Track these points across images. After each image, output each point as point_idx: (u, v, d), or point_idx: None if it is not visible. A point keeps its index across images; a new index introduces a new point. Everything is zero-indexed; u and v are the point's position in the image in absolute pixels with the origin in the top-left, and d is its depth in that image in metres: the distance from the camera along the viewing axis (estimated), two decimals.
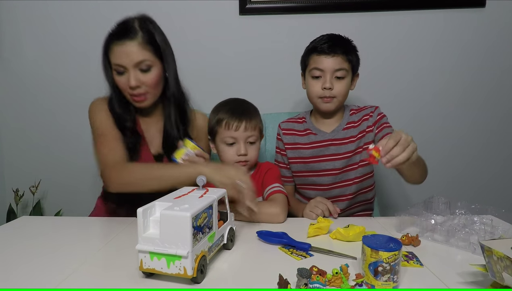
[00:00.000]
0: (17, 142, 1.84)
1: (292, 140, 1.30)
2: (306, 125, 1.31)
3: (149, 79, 1.07)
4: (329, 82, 1.17)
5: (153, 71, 1.07)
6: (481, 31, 1.70)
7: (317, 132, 1.28)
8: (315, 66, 1.19)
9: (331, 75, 1.17)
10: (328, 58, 1.17)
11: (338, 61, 1.17)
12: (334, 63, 1.17)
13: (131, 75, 1.05)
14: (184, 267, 0.64)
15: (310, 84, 1.22)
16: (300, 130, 1.31)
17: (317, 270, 0.65)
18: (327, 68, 1.17)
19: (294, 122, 1.34)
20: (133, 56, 1.04)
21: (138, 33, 1.05)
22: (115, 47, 1.05)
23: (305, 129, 1.30)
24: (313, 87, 1.21)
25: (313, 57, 1.20)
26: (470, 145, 1.78)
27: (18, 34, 1.76)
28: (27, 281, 0.68)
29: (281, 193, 1.09)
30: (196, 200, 0.71)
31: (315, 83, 1.20)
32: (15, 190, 1.77)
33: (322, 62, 1.18)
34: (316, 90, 1.20)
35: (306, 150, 1.27)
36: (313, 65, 1.19)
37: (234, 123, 1.11)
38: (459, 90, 1.75)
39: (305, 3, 1.68)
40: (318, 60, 1.18)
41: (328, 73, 1.17)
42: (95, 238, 0.92)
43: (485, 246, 0.62)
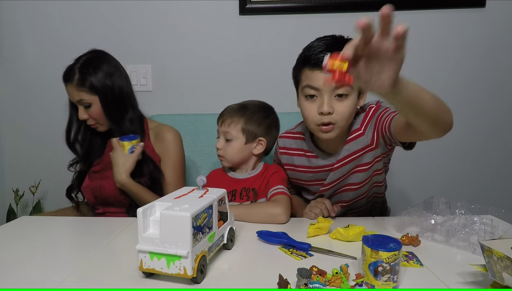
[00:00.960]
0: (17, 142, 1.84)
1: (289, 161, 1.17)
2: (304, 144, 1.14)
3: (91, 113, 1.22)
4: (327, 105, 0.92)
5: (93, 107, 1.21)
6: (481, 31, 1.70)
7: (318, 155, 1.10)
8: (308, 84, 0.94)
9: (329, 95, 0.92)
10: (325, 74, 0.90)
11: None
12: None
13: (80, 110, 1.23)
14: (184, 267, 0.64)
15: (303, 106, 0.97)
16: (297, 149, 1.15)
17: (317, 270, 0.65)
18: (324, 87, 0.92)
19: (291, 138, 1.18)
20: (73, 96, 1.21)
21: (75, 76, 1.19)
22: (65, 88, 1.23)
23: (302, 149, 1.14)
24: (307, 110, 0.96)
25: (305, 73, 0.94)
26: (470, 145, 1.78)
27: (18, 34, 1.76)
28: (27, 281, 0.68)
29: (284, 195, 1.09)
30: (196, 200, 0.71)
31: (310, 105, 0.95)
32: (15, 190, 1.77)
33: (317, 78, 0.92)
34: (312, 115, 0.95)
35: (305, 173, 1.15)
36: (306, 82, 0.94)
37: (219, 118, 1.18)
38: (459, 90, 1.75)
39: (305, 3, 1.68)
40: (311, 76, 0.93)
41: (325, 93, 0.92)
42: (95, 238, 0.92)
43: (485, 246, 0.62)
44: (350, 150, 1.06)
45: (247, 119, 1.14)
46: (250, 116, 1.15)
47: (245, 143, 1.14)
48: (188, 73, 1.77)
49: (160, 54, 1.76)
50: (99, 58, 1.23)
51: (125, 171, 1.16)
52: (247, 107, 1.17)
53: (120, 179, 1.16)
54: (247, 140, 1.14)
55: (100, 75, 1.19)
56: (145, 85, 1.77)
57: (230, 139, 1.14)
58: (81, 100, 1.20)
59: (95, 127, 1.26)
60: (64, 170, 1.87)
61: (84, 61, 1.20)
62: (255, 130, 1.15)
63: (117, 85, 1.22)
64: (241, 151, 1.15)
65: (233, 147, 1.14)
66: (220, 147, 1.15)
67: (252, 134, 1.14)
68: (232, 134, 1.13)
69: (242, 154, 1.15)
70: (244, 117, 1.14)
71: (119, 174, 1.16)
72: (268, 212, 1.01)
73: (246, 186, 1.16)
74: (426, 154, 1.79)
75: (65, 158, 1.84)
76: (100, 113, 1.21)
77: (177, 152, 1.30)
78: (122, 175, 1.16)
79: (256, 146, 1.16)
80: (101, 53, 1.25)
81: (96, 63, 1.20)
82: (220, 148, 1.15)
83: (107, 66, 1.22)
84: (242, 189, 1.16)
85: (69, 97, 1.24)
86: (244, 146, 1.14)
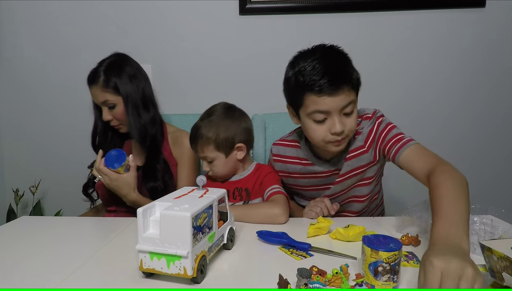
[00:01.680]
0: (17, 142, 1.84)
1: (284, 168, 1.17)
2: (299, 153, 1.13)
3: (115, 114, 1.25)
4: (339, 125, 0.93)
5: (118, 108, 1.24)
6: (481, 31, 1.70)
7: (315, 163, 1.10)
8: (317, 109, 0.92)
9: (339, 115, 0.93)
10: (333, 98, 0.90)
11: (345, 96, 0.91)
12: (341, 100, 0.91)
13: (104, 112, 1.25)
14: (184, 267, 0.64)
15: (311, 129, 0.97)
16: (292, 157, 1.15)
17: (317, 270, 0.65)
18: (333, 109, 0.92)
19: (286, 145, 1.17)
20: (98, 97, 1.23)
21: (100, 78, 1.22)
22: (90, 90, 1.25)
23: (298, 157, 1.13)
24: (317, 132, 0.96)
25: (310, 98, 0.92)
26: (470, 145, 1.79)
27: (18, 34, 1.76)
28: (27, 281, 0.68)
29: (282, 194, 1.09)
30: (196, 200, 0.71)
31: (319, 127, 0.95)
32: (15, 190, 1.77)
33: (325, 103, 0.91)
34: (323, 135, 0.96)
35: (301, 179, 1.15)
36: (313, 107, 0.93)
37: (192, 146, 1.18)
38: (459, 90, 1.75)
39: (305, 3, 1.68)
40: (319, 101, 0.91)
41: (335, 114, 0.93)
42: (95, 238, 0.92)
43: (485, 246, 0.62)
44: (353, 165, 1.07)
45: (216, 136, 1.10)
46: (216, 131, 1.10)
47: (226, 158, 1.13)
48: (188, 73, 1.77)
49: (160, 54, 1.76)
50: (122, 60, 1.27)
51: (133, 189, 1.16)
52: (211, 121, 1.12)
53: (132, 199, 1.16)
54: (226, 153, 1.12)
55: (124, 77, 1.23)
56: None
57: (211, 161, 1.14)
58: (106, 101, 1.22)
59: (118, 128, 1.28)
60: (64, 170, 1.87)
61: (108, 64, 1.24)
62: (229, 141, 1.12)
63: (140, 87, 1.26)
64: (226, 164, 1.14)
65: (217, 165, 1.14)
66: (207, 170, 1.16)
67: (228, 146, 1.12)
68: (210, 156, 1.12)
69: (229, 165, 1.15)
70: (211, 135, 1.10)
71: (129, 195, 1.16)
72: (267, 213, 1.01)
73: (239, 186, 1.16)
74: None
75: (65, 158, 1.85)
76: (124, 114, 1.24)
77: (194, 157, 1.33)
78: (132, 194, 1.16)
79: (237, 152, 1.14)
80: (124, 56, 1.29)
81: (120, 66, 1.24)
82: (208, 170, 1.16)
83: (130, 69, 1.25)
84: (234, 189, 1.16)
85: (94, 100, 1.26)
86: (226, 160, 1.13)
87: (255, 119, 1.56)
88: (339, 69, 0.93)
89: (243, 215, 1.01)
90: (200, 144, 1.12)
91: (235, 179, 1.18)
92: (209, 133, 1.10)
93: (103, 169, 1.14)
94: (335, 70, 0.92)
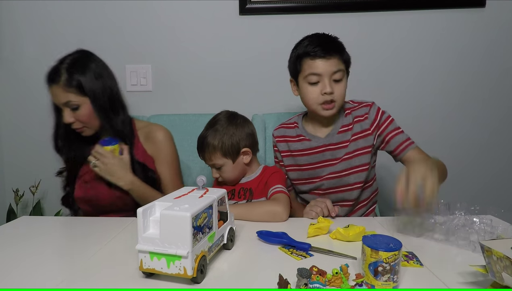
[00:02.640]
0: (17, 142, 1.84)
1: (286, 147, 1.27)
2: (298, 131, 1.26)
3: (79, 116, 1.16)
4: (329, 86, 1.10)
5: (81, 109, 1.15)
6: (481, 31, 1.70)
7: (311, 138, 1.23)
8: (312, 72, 1.11)
9: (329, 78, 1.11)
10: (324, 61, 1.10)
11: (335, 63, 1.11)
12: (331, 65, 1.10)
13: (65, 113, 1.16)
14: (184, 267, 0.64)
15: (307, 91, 1.14)
16: (293, 136, 1.26)
17: (317, 270, 0.65)
18: (324, 72, 1.10)
19: (286, 127, 1.29)
20: (59, 98, 1.14)
21: (62, 76, 1.13)
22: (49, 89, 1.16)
23: (297, 135, 1.26)
24: (311, 94, 1.14)
25: (306, 62, 1.12)
26: (470, 145, 1.79)
27: (18, 34, 1.76)
28: (27, 281, 0.68)
29: (284, 193, 1.10)
30: (196, 200, 0.71)
31: (313, 89, 1.13)
32: (15, 190, 1.77)
33: (318, 66, 1.11)
34: (315, 96, 1.13)
35: (300, 157, 1.24)
36: (308, 70, 1.12)
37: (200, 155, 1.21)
38: (459, 90, 1.75)
39: (305, 3, 1.68)
40: (313, 64, 1.11)
41: (326, 77, 1.11)
42: (95, 238, 0.92)
43: (485, 246, 0.62)
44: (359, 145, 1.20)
45: (221, 143, 1.14)
46: (221, 139, 1.14)
47: (233, 163, 1.16)
48: (188, 73, 1.77)
49: (160, 54, 1.76)
50: (86, 57, 1.18)
51: (129, 170, 1.15)
52: (216, 130, 1.15)
53: (128, 180, 1.14)
54: (233, 159, 1.16)
55: (88, 75, 1.14)
56: (145, 85, 1.77)
57: (220, 168, 1.16)
58: (68, 102, 1.14)
59: (80, 131, 1.19)
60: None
61: (71, 61, 1.14)
62: (234, 147, 1.15)
63: (107, 86, 1.18)
64: (234, 169, 1.17)
65: (226, 171, 1.17)
66: (216, 176, 1.19)
67: (234, 152, 1.15)
68: (219, 163, 1.16)
69: (237, 170, 1.18)
70: (217, 143, 1.14)
71: (126, 177, 1.14)
72: (268, 210, 1.02)
73: (245, 187, 1.19)
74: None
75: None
76: (89, 116, 1.16)
77: (170, 150, 1.28)
78: (128, 176, 1.14)
79: (243, 156, 1.18)
80: (88, 53, 1.20)
81: (84, 63, 1.15)
82: (217, 177, 1.19)
83: (95, 66, 1.17)
84: (240, 189, 1.19)
85: (54, 100, 1.17)
86: (234, 165, 1.17)
87: (255, 119, 1.56)
88: (332, 41, 1.15)
89: (244, 213, 1.02)
90: (208, 153, 1.16)
91: (243, 181, 1.21)
92: (215, 141, 1.14)
93: (101, 149, 1.11)
94: (327, 41, 1.14)
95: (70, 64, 1.14)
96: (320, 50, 1.10)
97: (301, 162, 1.24)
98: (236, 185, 1.20)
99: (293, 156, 1.25)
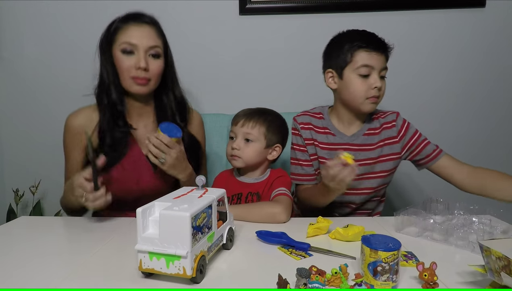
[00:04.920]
0: (17, 142, 1.84)
1: (310, 135, 1.21)
2: (324, 123, 1.22)
3: (156, 66, 1.11)
4: (379, 82, 1.10)
5: (160, 60, 1.12)
6: (481, 31, 1.70)
7: (336, 133, 1.20)
8: (365, 63, 1.09)
9: (378, 74, 1.11)
10: (378, 56, 1.10)
11: (384, 60, 1.12)
12: (382, 61, 1.11)
13: (142, 56, 1.08)
14: (184, 267, 0.64)
15: (356, 83, 1.11)
16: (318, 127, 1.22)
17: (316, 270, 0.65)
18: (376, 66, 1.10)
19: (312, 116, 1.24)
20: (149, 39, 1.10)
21: (155, 23, 1.14)
22: (131, 27, 1.11)
23: (323, 127, 1.22)
24: (361, 86, 1.11)
25: (360, 54, 1.10)
26: (470, 145, 1.78)
27: (18, 34, 1.76)
28: (27, 281, 0.68)
29: (286, 196, 1.09)
30: (195, 200, 0.71)
31: (363, 82, 1.10)
32: (15, 190, 1.77)
33: (372, 59, 1.09)
34: (364, 89, 1.10)
35: (322, 150, 1.20)
36: (361, 62, 1.09)
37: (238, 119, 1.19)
38: (459, 90, 1.75)
39: (305, 3, 1.68)
40: (368, 57, 1.09)
41: (376, 71, 1.10)
42: (95, 238, 0.92)
43: (484, 246, 0.62)
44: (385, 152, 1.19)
45: (269, 124, 1.17)
46: (271, 122, 1.18)
47: (264, 148, 1.16)
48: (188, 73, 1.76)
49: None
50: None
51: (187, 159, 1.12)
52: (267, 114, 1.20)
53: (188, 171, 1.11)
54: (267, 145, 1.16)
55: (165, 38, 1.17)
56: None
57: (251, 141, 1.15)
58: (155, 47, 1.10)
59: (142, 83, 1.10)
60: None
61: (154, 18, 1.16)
62: (275, 137, 1.18)
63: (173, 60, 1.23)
64: (259, 153, 1.16)
65: (253, 148, 1.15)
66: (238, 147, 1.15)
67: (272, 140, 1.17)
68: (255, 135, 1.14)
69: (259, 157, 1.17)
70: (267, 122, 1.17)
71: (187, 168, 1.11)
72: (267, 211, 1.02)
73: (253, 191, 1.17)
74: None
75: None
76: (159, 71, 1.13)
77: (204, 135, 1.30)
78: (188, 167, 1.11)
79: (272, 151, 1.18)
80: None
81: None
82: (238, 148, 1.15)
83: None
84: (248, 193, 1.16)
85: (136, 40, 1.08)
86: (263, 150, 1.16)
87: None
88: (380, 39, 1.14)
89: (244, 213, 1.01)
90: (253, 121, 1.15)
91: (250, 181, 1.19)
92: (267, 117, 1.17)
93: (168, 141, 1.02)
94: (377, 38, 1.14)
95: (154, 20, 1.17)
96: (377, 44, 1.11)
97: (321, 155, 1.20)
98: (245, 187, 1.18)
99: (315, 145, 1.21)
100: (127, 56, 1.10)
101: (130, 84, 1.12)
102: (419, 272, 0.65)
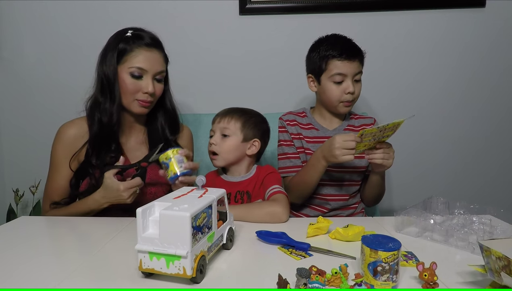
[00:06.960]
0: (17, 142, 1.84)
1: (296, 131, 1.31)
2: (308, 120, 1.34)
3: (159, 89, 1.17)
4: (352, 87, 1.20)
5: (162, 83, 1.19)
6: (481, 31, 1.70)
7: (320, 128, 1.31)
8: (338, 72, 1.20)
9: (351, 79, 1.21)
10: (350, 63, 1.19)
11: (357, 65, 1.21)
12: (355, 67, 1.20)
13: (150, 82, 1.13)
14: (184, 267, 0.64)
15: (331, 89, 1.23)
16: (303, 123, 1.33)
17: (317, 270, 0.65)
18: (349, 73, 1.20)
19: (296, 115, 1.35)
20: (158, 65, 1.15)
21: (161, 46, 1.18)
22: (143, 52, 1.13)
23: (307, 123, 1.33)
24: (334, 92, 1.22)
25: (333, 63, 1.21)
26: (470, 145, 1.79)
27: (18, 34, 1.76)
28: (27, 281, 0.68)
29: (282, 194, 1.10)
30: (195, 200, 0.71)
31: (337, 88, 1.22)
32: (15, 190, 1.77)
33: (344, 67, 1.20)
34: (338, 94, 1.22)
35: (308, 143, 1.29)
36: (334, 70, 1.20)
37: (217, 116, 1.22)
38: (459, 90, 1.76)
39: (305, 3, 1.68)
40: (340, 65, 1.20)
41: (349, 77, 1.20)
42: (95, 238, 0.92)
43: (484, 246, 0.62)
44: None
45: (246, 119, 1.19)
46: (248, 117, 1.20)
47: (241, 142, 1.16)
48: (188, 73, 1.77)
49: None
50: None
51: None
52: (246, 111, 1.23)
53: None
54: (244, 139, 1.17)
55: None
56: None
57: (227, 135, 1.16)
58: (161, 72, 1.17)
59: (145, 106, 1.15)
60: None
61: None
62: (252, 131, 1.19)
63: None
64: (236, 148, 1.16)
65: (229, 143, 1.15)
66: (216, 143, 1.16)
67: (249, 134, 1.18)
68: (231, 130, 1.16)
69: (237, 152, 1.17)
70: (243, 117, 1.19)
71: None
72: (268, 211, 1.02)
73: (241, 189, 1.16)
74: (425, 154, 1.80)
75: None
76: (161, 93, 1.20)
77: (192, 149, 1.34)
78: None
79: (250, 147, 1.18)
80: None
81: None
82: (216, 144, 1.16)
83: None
84: (236, 192, 1.16)
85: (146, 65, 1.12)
86: (240, 144, 1.16)
87: None
88: (354, 45, 1.24)
89: (245, 214, 1.01)
90: (228, 117, 1.18)
91: (237, 180, 1.19)
92: (243, 113, 1.20)
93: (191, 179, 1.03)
94: (350, 45, 1.24)
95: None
96: (347, 53, 1.19)
97: (307, 146, 1.29)
98: (232, 186, 1.17)
99: (301, 139, 1.31)
100: (136, 80, 1.13)
101: (134, 105, 1.16)
102: (419, 272, 0.65)
